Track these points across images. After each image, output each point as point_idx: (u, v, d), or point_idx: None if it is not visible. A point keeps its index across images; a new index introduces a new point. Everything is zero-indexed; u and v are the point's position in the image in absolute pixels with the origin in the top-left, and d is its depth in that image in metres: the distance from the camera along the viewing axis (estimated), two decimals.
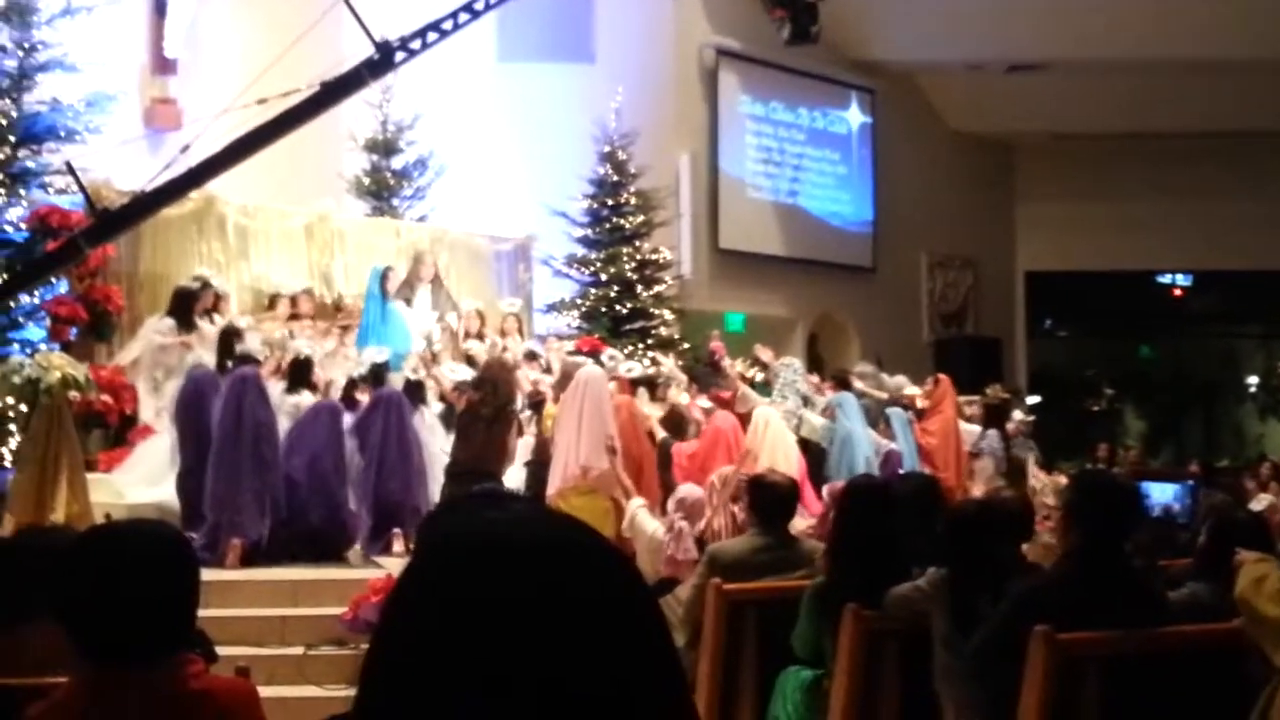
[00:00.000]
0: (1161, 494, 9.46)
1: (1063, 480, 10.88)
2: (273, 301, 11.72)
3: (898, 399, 12.05)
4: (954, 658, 4.50)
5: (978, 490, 10.63)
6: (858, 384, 11.87)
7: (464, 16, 8.26)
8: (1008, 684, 4.12)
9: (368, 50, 7.96)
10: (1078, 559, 4.30)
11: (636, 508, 8.13)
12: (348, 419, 9.48)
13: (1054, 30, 16.59)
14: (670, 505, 8.09)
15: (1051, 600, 4.20)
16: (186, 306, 10.55)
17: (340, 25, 8.19)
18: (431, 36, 8.03)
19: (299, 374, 9.68)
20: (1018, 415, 13.08)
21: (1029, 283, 21.05)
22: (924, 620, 4.66)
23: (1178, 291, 23.24)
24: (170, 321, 10.49)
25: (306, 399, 9.52)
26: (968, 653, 4.38)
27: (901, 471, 10.22)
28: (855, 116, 18.65)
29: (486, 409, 8.90)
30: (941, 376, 12.61)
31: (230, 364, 9.48)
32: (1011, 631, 4.14)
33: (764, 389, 11.54)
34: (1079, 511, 4.35)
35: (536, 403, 10.47)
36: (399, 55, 7.96)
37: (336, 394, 9.97)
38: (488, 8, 8.46)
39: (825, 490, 9.13)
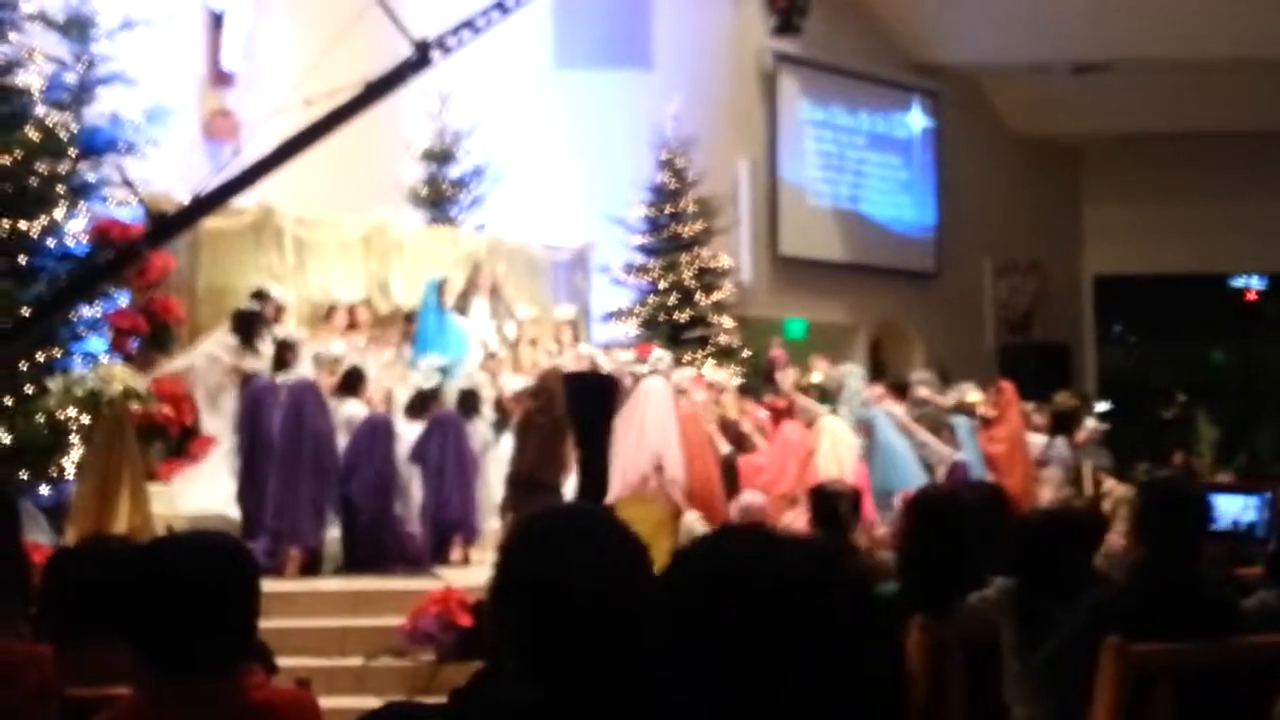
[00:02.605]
0: (1230, 506, 9.18)
1: (1131, 490, 10.66)
2: (330, 313, 11.75)
3: (961, 407, 11.84)
4: (1024, 669, 4.40)
5: (1045, 499, 10.43)
6: (920, 391, 11.69)
7: (495, 15, 8.44)
8: (1078, 696, 4.01)
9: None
10: (1148, 569, 4.19)
11: (692, 520, 8.06)
12: (406, 436, 9.48)
13: (1121, 30, 16.31)
14: (733, 514, 8.01)
15: (1123, 611, 4.09)
16: (250, 327, 10.55)
17: (388, 29, 8.28)
18: (466, 35, 8.18)
19: (350, 385, 9.69)
20: (1090, 423, 12.80)
21: (1098, 287, 20.73)
22: (992, 631, 4.55)
23: (1251, 295, 22.77)
24: (234, 341, 10.52)
25: (356, 410, 9.51)
26: (1038, 664, 4.29)
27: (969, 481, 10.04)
28: (918, 120, 18.47)
29: (542, 419, 8.88)
30: (1005, 384, 12.41)
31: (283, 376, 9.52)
32: (1083, 642, 4.04)
33: (825, 397, 11.40)
34: (1149, 521, 4.24)
35: None
36: (436, 54, 8.15)
37: (393, 405, 9.96)
38: (518, 4, 8.65)
39: (897, 500, 9.00)
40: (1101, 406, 17.87)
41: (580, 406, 9.26)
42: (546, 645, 1.79)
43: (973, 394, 12.15)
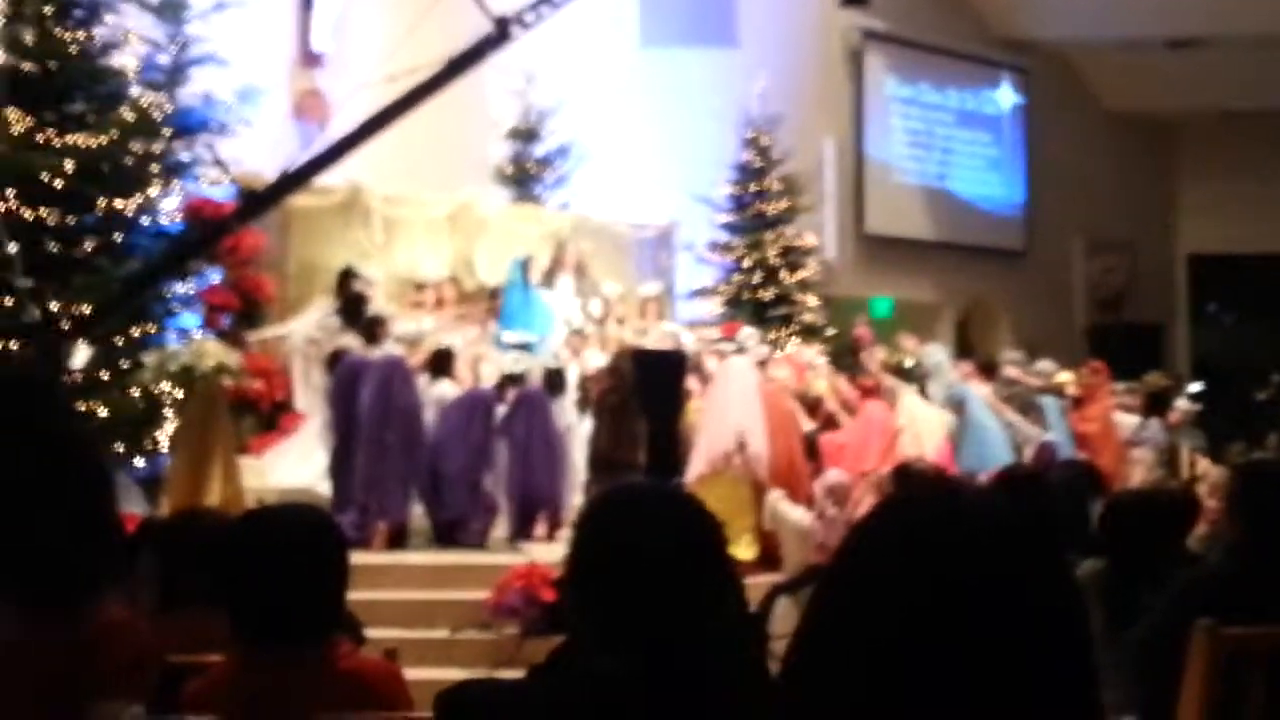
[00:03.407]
0: None
1: (1226, 472, 10.44)
2: (417, 290, 11.86)
3: (1050, 387, 11.69)
4: (1110, 653, 4.33)
5: (1137, 480, 10.27)
6: (1009, 371, 11.55)
7: None
8: (1168, 681, 3.94)
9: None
10: (1243, 552, 4.11)
11: (776, 499, 8.05)
12: (498, 412, 9.57)
13: (1216, 4, 15.93)
14: (818, 492, 7.98)
15: (1216, 594, 4.01)
16: (357, 310, 10.61)
17: (472, 7, 8.36)
18: (545, 10, 8.28)
19: (440, 365, 9.77)
20: (1182, 404, 12.58)
21: (1191, 266, 20.30)
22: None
23: None
24: (336, 322, 10.56)
25: (448, 389, 9.60)
26: (1127, 648, 4.22)
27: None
28: (1007, 97, 18.20)
29: (613, 397, 8.92)
30: (1096, 363, 12.24)
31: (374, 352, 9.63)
32: (1174, 626, 3.96)
33: (910, 375, 11.32)
34: (1244, 503, 4.16)
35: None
36: (515, 30, 8.26)
37: (479, 377, 10.01)
38: None
39: (983, 479, 8.92)
40: (1194, 387, 17.53)
41: (648, 383, 9.27)
42: (620, 618, 1.81)
43: (1062, 374, 12.00)
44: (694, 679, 1.78)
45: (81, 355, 8.85)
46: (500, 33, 8.25)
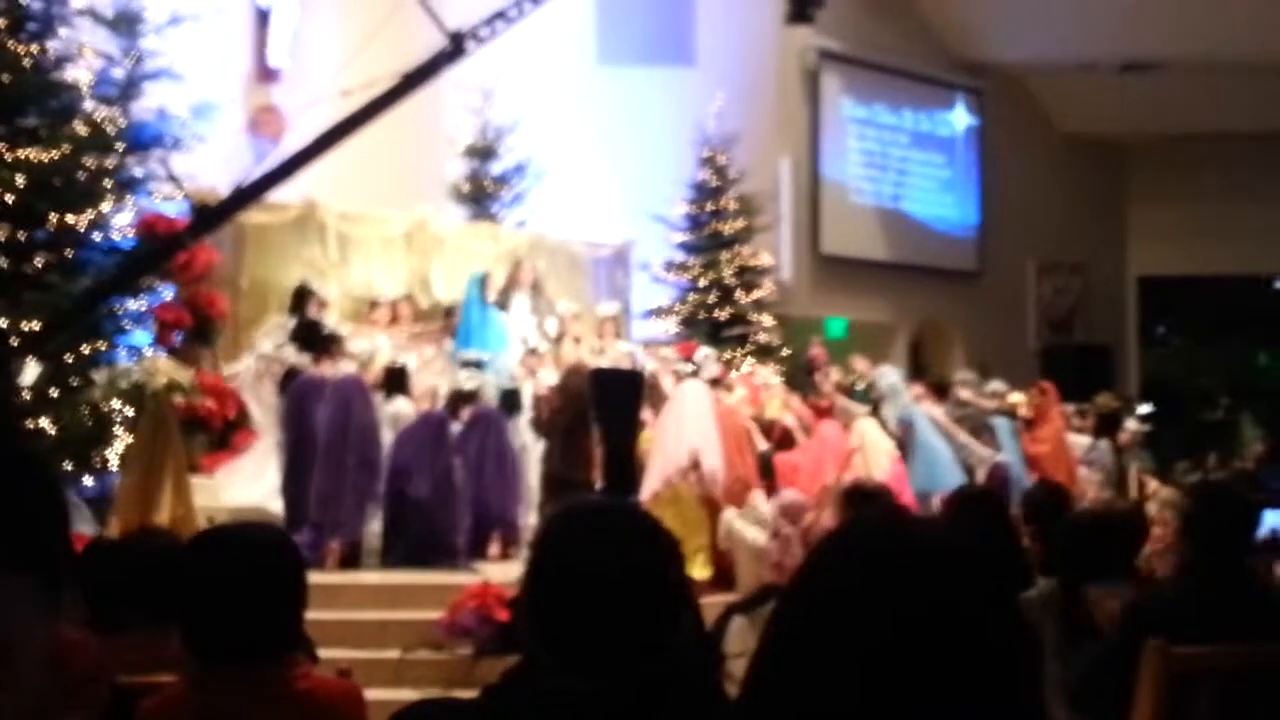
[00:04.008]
0: (1271, 517, 8.97)
1: (1174, 492, 10.54)
2: (372, 307, 11.82)
3: (1002, 408, 11.78)
4: (1064, 670, 4.37)
5: (1088, 500, 10.35)
6: (962, 393, 11.63)
7: (528, 6, 8.57)
8: (1119, 699, 3.98)
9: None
10: (1195, 572, 4.15)
11: (731, 518, 8.05)
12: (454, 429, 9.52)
13: (1168, 29, 16.16)
14: (771, 512, 7.98)
15: (1167, 614, 4.05)
16: (311, 336, 10.49)
17: (427, 23, 8.36)
18: (499, 25, 8.27)
19: (395, 382, 9.72)
20: (1131, 425, 12.72)
21: (1141, 288, 20.56)
22: (1035, 632, 4.52)
23: None
24: (291, 348, 10.41)
25: (404, 407, 9.56)
26: (1079, 666, 4.25)
27: (1027, 481, 10.00)
28: (961, 118, 18.36)
29: (562, 417, 8.92)
30: (1046, 384, 12.34)
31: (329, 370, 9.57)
32: (1125, 645, 4.00)
33: (862, 396, 11.37)
34: (1197, 523, 4.20)
35: None
36: (470, 44, 8.32)
37: (437, 401, 9.99)
38: None
39: (936, 499, 8.97)
40: (1144, 409, 17.73)
41: (606, 402, 9.25)
42: (574, 636, 1.80)
43: (1013, 395, 12.09)
44: (650, 699, 1.78)
45: (31, 372, 8.75)
46: (455, 47, 8.28)
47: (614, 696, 1.76)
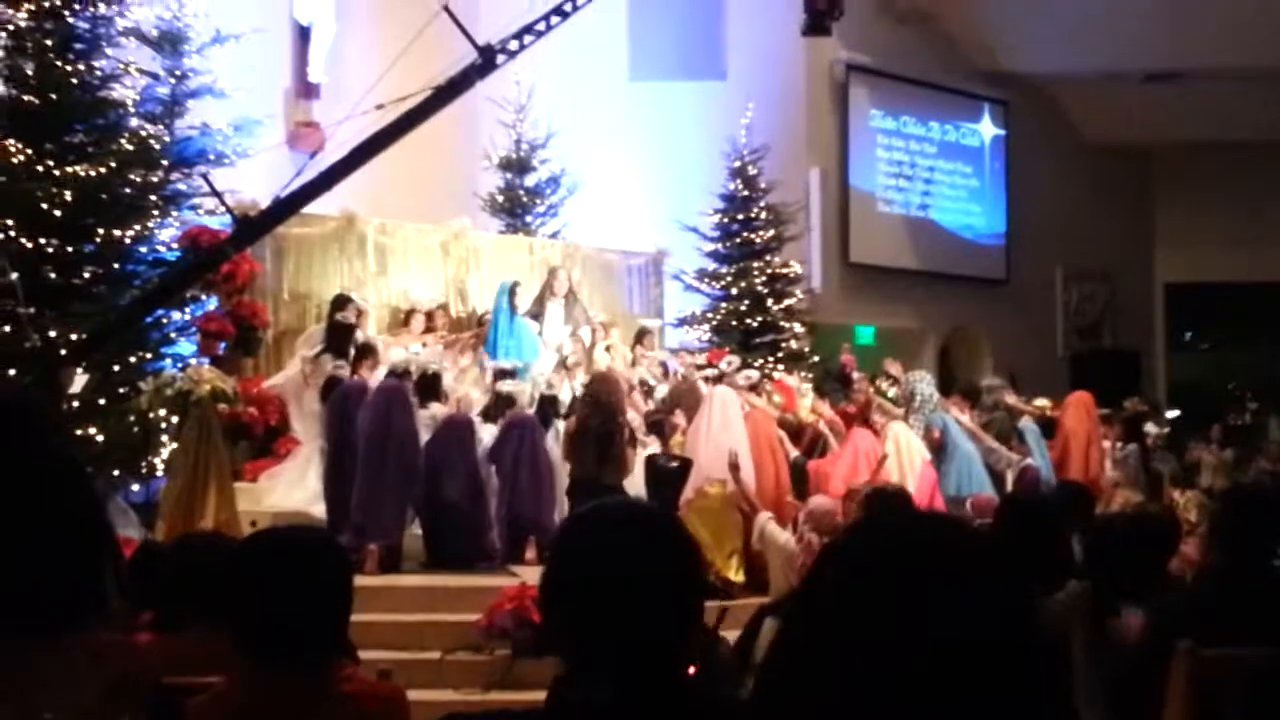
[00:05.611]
0: None
1: (1201, 496, 10.65)
2: (408, 317, 11.99)
3: (1031, 413, 11.87)
4: (1093, 673, 4.43)
5: (1115, 504, 10.43)
6: (1008, 397, 11.73)
7: (555, 19, 8.72)
8: (1149, 701, 4.05)
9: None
10: (1224, 574, 4.20)
11: (765, 520, 8.15)
12: (485, 435, 9.65)
13: (1193, 38, 16.21)
14: (800, 517, 8.09)
15: (1196, 616, 4.10)
16: (343, 337, 10.71)
17: (459, 38, 8.52)
18: (528, 39, 8.40)
19: (428, 388, 9.87)
20: (1151, 429, 12.79)
21: (1168, 295, 20.56)
22: (1062, 633, 4.59)
23: None
24: (327, 353, 10.59)
25: (439, 412, 9.72)
26: (1108, 668, 4.31)
27: (1055, 484, 10.10)
28: (988, 129, 18.45)
29: (594, 422, 9.03)
30: (1074, 396, 12.40)
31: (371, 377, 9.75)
32: (1155, 648, 4.06)
33: (893, 401, 11.47)
34: (1226, 526, 4.25)
35: (655, 424, 10.57)
36: (500, 58, 8.48)
37: (470, 409, 10.14)
38: (575, 9, 8.89)
39: (969, 504, 9.05)
40: (1172, 414, 17.74)
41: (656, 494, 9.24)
42: (593, 639, 1.77)
43: (1039, 400, 12.18)
44: (667, 711, 1.76)
45: (79, 381, 8.94)
46: (486, 60, 8.42)
47: (631, 711, 1.74)
